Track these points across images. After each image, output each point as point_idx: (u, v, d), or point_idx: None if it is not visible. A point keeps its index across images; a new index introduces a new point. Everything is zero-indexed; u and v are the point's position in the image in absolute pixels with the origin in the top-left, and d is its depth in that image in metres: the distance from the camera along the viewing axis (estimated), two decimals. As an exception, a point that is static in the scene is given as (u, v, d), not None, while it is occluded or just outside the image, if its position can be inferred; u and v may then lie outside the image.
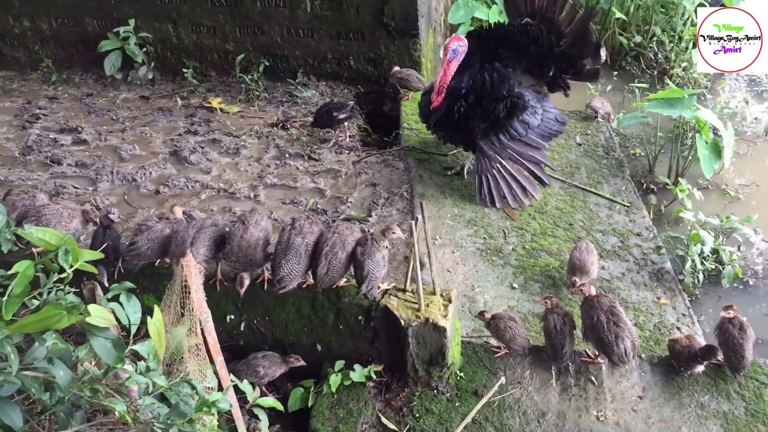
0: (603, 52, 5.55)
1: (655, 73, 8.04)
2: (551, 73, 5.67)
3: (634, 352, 3.75)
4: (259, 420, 3.35)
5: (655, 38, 8.16)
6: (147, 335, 2.29)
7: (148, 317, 2.17)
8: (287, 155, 6.23)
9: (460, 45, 5.29)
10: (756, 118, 7.35)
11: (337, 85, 7.32)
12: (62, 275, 2.11)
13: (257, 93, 7.12)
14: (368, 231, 4.14)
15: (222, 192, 5.74)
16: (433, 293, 3.78)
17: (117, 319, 2.16)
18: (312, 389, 3.83)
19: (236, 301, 3.91)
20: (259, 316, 3.95)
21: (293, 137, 6.46)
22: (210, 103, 7.04)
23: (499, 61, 5.44)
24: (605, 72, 8.17)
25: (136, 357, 2.34)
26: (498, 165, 5.49)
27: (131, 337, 2.22)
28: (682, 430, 3.55)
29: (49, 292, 2.04)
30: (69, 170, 5.99)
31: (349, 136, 6.51)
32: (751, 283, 5.47)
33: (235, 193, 5.71)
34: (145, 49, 7.28)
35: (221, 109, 6.95)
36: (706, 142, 5.97)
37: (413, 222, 3.57)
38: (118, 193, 5.68)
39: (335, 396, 3.73)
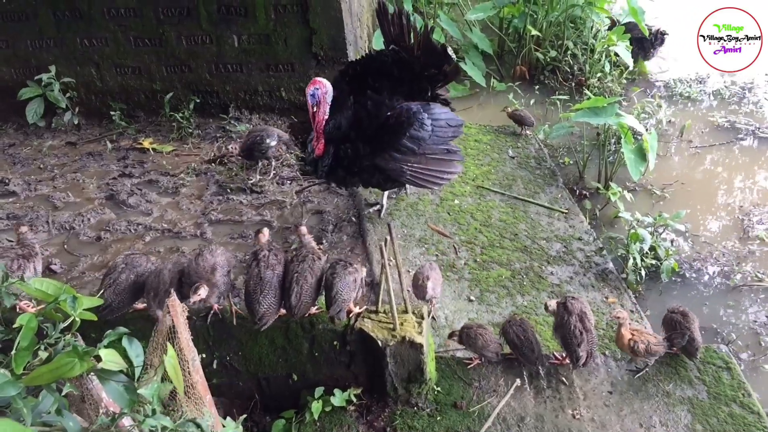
0: (450, 51, 5.44)
1: (573, 84, 8.44)
2: (429, 93, 5.47)
3: (590, 359, 3.94)
4: (246, 456, 3.32)
5: (569, 52, 8.56)
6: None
7: (163, 356, 2.14)
8: (228, 190, 6.18)
9: (317, 89, 4.92)
10: (670, 121, 7.81)
11: (270, 116, 7.32)
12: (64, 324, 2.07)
13: (189, 130, 7.03)
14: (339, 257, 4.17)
15: (167, 232, 5.63)
16: (405, 311, 3.85)
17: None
18: (293, 420, 3.81)
19: (207, 339, 3.86)
20: (232, 353, 3.90)
21: (232, 172, 6.42)
22: (141, 144, 6.90)
23: (375, 92, 5.22)
24: (527, 87, 8.54)
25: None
26: (407, 167, 5.08)
27: (136, 381, 2.19)
28: (653, 419, 3.73)
29: (57, 342, 1.99)
30: (0, 224, 5.74)
31: (287, 166, 6.52)
32: (687, 275, 5.78)
33: (180, 233, 5.61)
34: (68, 94, 7.07)
35: (154, 149, 6.83)
36: (631, 147, 6.31)
37: (382, 243, 3.63)
38: (56, 243, 5.49)
39: (317, 423, 3.72)
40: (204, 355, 3.88)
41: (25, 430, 1.83)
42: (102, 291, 3.74)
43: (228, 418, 3.37)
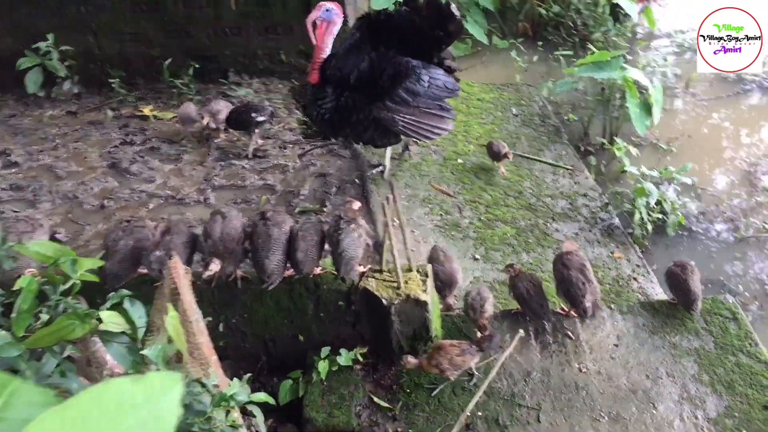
0: (454, 7, 5.27)
1: (577, 40, 8.32)
2: (435, 59, 5.43)
3: (596, 309, 3.94)
4: (254, 416, 3.33)
5: (572, 6, 8.42)
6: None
7: (165, 316, 2.14)
8: (230, 155, 6.15)
9: (332, 9, 4.95)
10: (675, 74, 7.70)
11: (271, 80, 7.26)
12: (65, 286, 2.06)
13: (190, 96, 6.97)
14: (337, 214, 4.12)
15: (170, 199, 5.61)
16: (410, 270, 3.83)
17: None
18: (300, 379, 3.83)
19: (212, 302, 3.86)
20: (237, 315, 3.91)
21: (234, 137, 6.37)
22: (142, 111, 6.86)
23: (385, 48, 5.21)
24: (530, 44, 8.42)
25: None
26: (399, 117, 5.05)
27: (140, 342, 2.19)
28: (660, 370, 3.73)
29: (57, 304, 1.99)
30: (4, 195, 5.73)
31: (289, 130, 6.48)
32: (693, 228, 5.75)
33: (183, 199, 5.60)
34: (67, 62, 7.01)
35: (155, 117, 6.79)
36: (636, 101, 6.23)
37: (384, 201, 3.61)
38: (60, 212, 5.48)
39: (325, 383, 3.73)
40: (210, 318, 3.87)
41: (44, 392, 1.83)
42: (102, 257, 3.75)
43: (235, 379, 3.39)
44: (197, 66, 7.04)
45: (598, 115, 6.94)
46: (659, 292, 4.78)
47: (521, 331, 3.66)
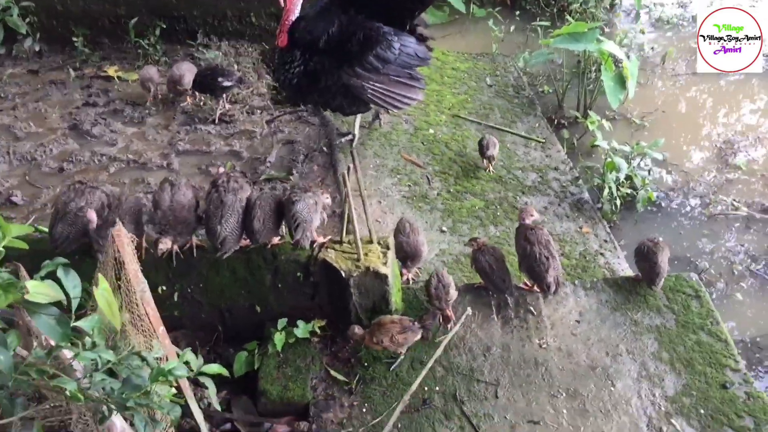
0: None
1: (554, 10, 8.16)
2: (407, 27, 5.31)
3: (559, 286, 3.89)
4: (206, 388, 3.25)
5: (550, -25, 8.27)
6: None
7: (94, 288, 2.03)
8: (196, 120, 5.99)
9: None
10: (653, 48, 7.62)
11: (240, 44, 7.06)
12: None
13: (156, 58, 6.78)
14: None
15: (132, 163, 5.47)
16: (371, 242, 3.75)
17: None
18: (256, 351, 3.74)
19: (167, 272, 3.75)
20: (193, 284, 3.80)
21: (200, 102, 6.20)
22: (106, 72, 6.65)
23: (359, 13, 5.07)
24: (508, 13, 8.27)
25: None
26: (368, 84, 4.95)
27: (73, 314, 2.08)
28: (620, 347, 3.69)
29: (-21, 273, 1.87)
30: (-41, 154, 5.55)
31: (258, 95, 6.33)
32: (663, 205, 5.72)
33: (146, 164, 5.45)
34: (28, 19, 6.75)
35: (119, 78, 6.59)
36: (611, 74, 6.13)
37: (345, 171, 3.50)
38: (18, 174, 5.32)
39: (281, 355, 3.65)
40: (164, 288, 3.79)
41: None
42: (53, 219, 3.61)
43: (185, 351, 3.30)
44: (164, 26, 6.84)
45: (573, 88, 6.84)
46: (625, 268, 4.75)
47: (469, 310, 3.60)
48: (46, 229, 3.77)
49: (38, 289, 1.94)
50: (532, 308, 3.91)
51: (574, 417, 3.36)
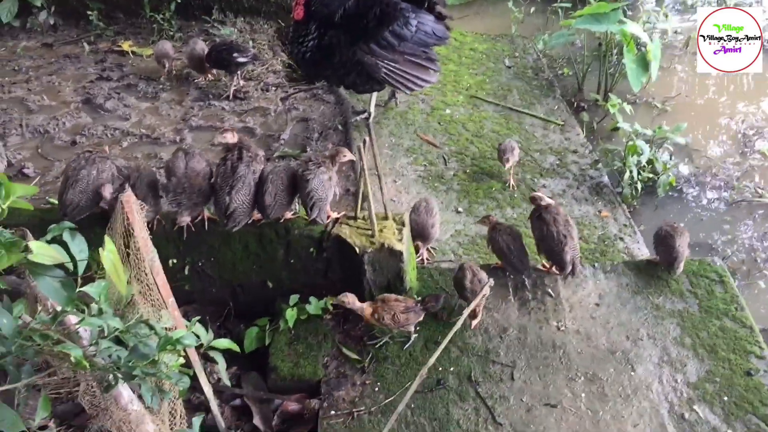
0: None
1: (576, -9, 7.99)
2: (426, 3, 5.20)
3: (575, 267, 3.77)
4: (216, 363, 3.18)
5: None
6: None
7: (100, 250, 1.96)
8: (210, 96, 5.91)
9: None
10: (676, 31, 7.45)
11: (256, 20, 6.96)
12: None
13: (171, 33, 6.69)
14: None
15: (145, 138, 5.39)
16: (386, 218, 3.66)
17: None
18: (267, 327, 3.67)
19: (178, 244, 3.68)
20: (204, 258, 3.73)
21: (215, 77, 6.12)
22: (120, 46, 6.58)
23: None
24: (527, -6, 8.11)
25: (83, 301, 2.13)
26: (383, 63, 4.88)
27: (79, 278, 2.01)
28: (641, 332, 3.59)
29: (-19, 233, 1.80)
30: (-27, 126, 5.50)
31: (273, 72, 6.24)
32: (684, 190, 5.59)
33: (159, 138, 5.38)
34: (43, -8, 6.70)
35: (133, 52, 6.52)
36: (633, 56, 5.98)
37: (361, 144, 3.41)
38: (30, 147, 5.26)
39: (293, 332, 3.59)
40: (175, 260, 3.73)
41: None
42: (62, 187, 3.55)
43: (192, 321, 3.24)
44: (179, 1, 6.74)
45: (594, 71, 6.70)
46: (645, 253, 4.63)
47: (491, 280, 3.47)
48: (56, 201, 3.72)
49: (42, 251, 1.87)
50: (550, 290, 3.82)
51: (592, 401, 3.27)
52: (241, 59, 5.74)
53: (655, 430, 3.14)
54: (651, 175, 5.36)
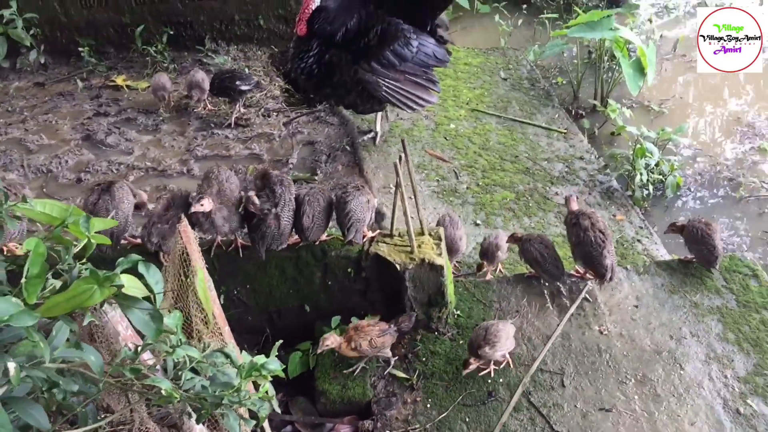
0: None
1: (561, 2, 8.13)
2: (429, 27, 5.26)
3: (613, 272, 3.74)
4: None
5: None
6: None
7: (193, 278, 1.91)
8: (212, 125, 5.86)
9: None
10: (661, 36, 7.59)
11: (249, 47, 6.94)
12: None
13: (165, 65, 6.64)
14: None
15: (151, 171, 5.32)
16: (422, 233, 3.64)
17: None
18: (310, 351, 3.61)
19: (212, 273, 3.59)
20: (239, 285, 3.67)
21: (215, 106, 6.07)
22: (114, 81, 6.51)
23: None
24: (513, 8, 8.22)
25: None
26: (384, 82, 4.87)
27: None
28: (683, 330, 3.60)
29: (71, 268, 1.74)
30: (-28, 169, 5.38)
31: (272, 98, 6.22)
32: (691, 189, 5.66)
33: (165, 170, 5.31)
34: (32, 31, 6.57)
35: (128, 86, 6.45)
36: (629, 61, 6.08)
37: (397, 161, 3.40)
38: (35, 187, 5.15)
39: (336, 354, 3.53)
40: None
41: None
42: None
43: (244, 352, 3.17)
44: (171, 33, 6.70)
45: (587, 78, 6.79)
46: (663, 254, 4.67)
47: (590, 284, 3.46)
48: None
49: (132, 284, 1.82)
50: (587, 295, 3.82)
51: (646, 402, 3.26)
52: (244, 87, 5.72)
53: (713, 427, 3.14)
54: (659, 177, 5.43)
